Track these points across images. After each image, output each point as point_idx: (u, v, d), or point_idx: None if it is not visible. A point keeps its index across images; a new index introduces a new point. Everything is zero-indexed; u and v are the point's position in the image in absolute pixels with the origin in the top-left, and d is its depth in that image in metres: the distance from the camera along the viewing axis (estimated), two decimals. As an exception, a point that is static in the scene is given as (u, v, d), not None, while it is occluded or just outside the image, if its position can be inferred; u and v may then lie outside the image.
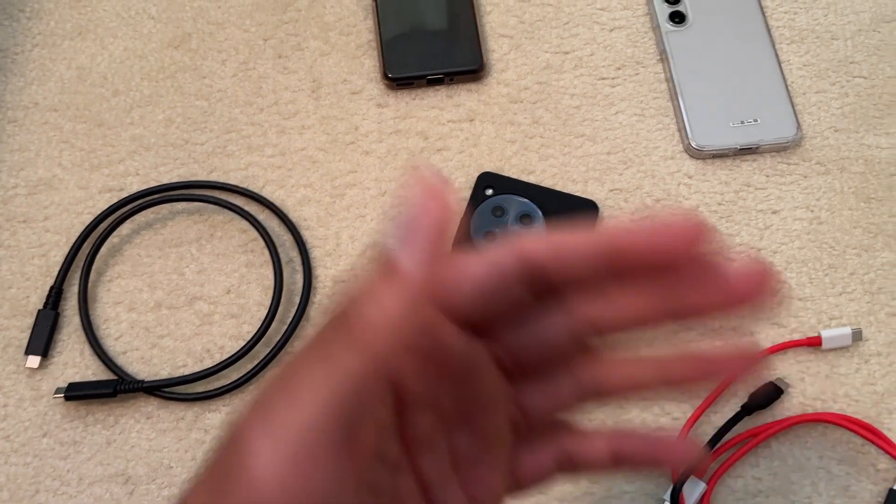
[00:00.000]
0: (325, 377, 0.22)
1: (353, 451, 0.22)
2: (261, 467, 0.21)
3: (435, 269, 0.22)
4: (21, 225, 0.50)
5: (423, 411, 0.25)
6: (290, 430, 0.21)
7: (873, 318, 0.48)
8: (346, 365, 0.22)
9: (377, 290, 0.22)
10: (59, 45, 0.55)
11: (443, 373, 0.24)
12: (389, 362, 0.22)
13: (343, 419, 0.22)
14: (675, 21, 0.55)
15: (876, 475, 0.45)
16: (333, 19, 0.56)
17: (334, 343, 0.22)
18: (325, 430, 0.21)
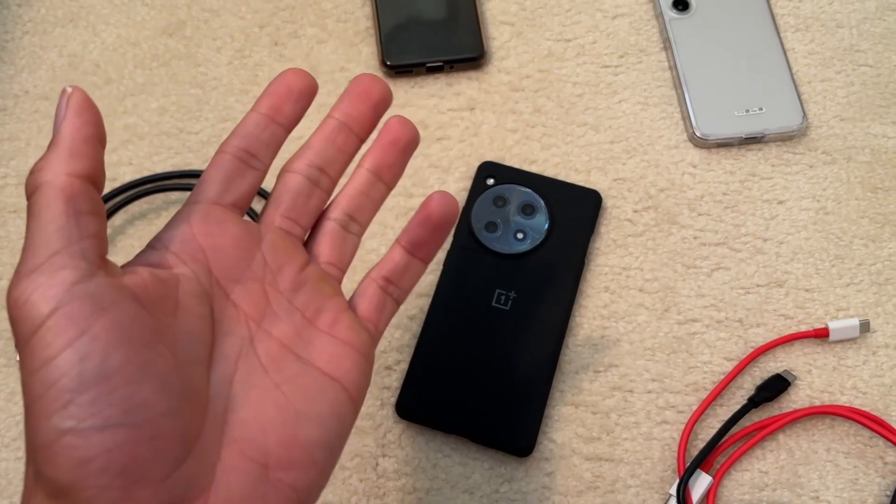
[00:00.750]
0: (35, 222, 0.26)
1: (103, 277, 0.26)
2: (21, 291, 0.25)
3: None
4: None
5: (248, 282, 0.31)
6: (25, 261, 0.26)
7: (881, 310, 0.47)
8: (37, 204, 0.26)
9: (42, 157, 0.27)
10: (51, 33, 0.54)
11: (237, 245, 0.31)
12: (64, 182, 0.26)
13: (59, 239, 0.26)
14: (678, 8, 0.54)
15: (884, 468, 0.44)
16: (331, 6, 0.55)
17: (29, 202, 0.27)
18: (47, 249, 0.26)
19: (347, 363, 0.31)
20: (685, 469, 0.42)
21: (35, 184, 0.27)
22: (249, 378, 0.29)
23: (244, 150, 0.32)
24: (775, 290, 0.48)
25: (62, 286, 0.25)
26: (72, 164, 0.27)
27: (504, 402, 0.44)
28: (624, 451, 0.44)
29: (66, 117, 0.27)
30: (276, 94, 0.33)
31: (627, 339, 0.47)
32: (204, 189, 0.31)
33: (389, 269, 0.34)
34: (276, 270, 0.32)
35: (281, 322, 0.31)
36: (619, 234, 0.49)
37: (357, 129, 0.34)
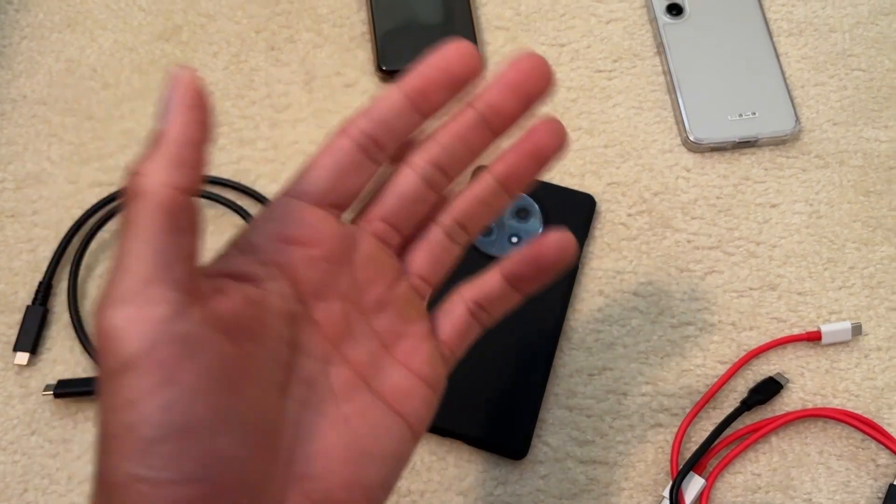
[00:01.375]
0: (130, 235, 0.24)
1: (204, 307, 0.24)
2: (104, 319, 0.23)
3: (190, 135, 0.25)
4: (9, 219, 0.49)
5: (331, 300, 0.28)
6: (119, 284, 0.24)
7: (873, 313, 0.48)
8: (136, 214, 0.24)
9: (143, 155, 0.25)
10: (48, 38, 0.54)
11: (328, 256, 0.28)
12: (168, 194, 0.24)
13: (158, 258, 0.24)
14: (672, 13, 0.55)
15: (876, 470, 0.44)
16: (326, 11, 0.55)
17: (124, 209, 0.25)
18: (144, 272, 0.24)
19: (417, 400, 0.29)
20: (678, 471, 0.43)
21: (135, 189, 0.24)
22: (320, 406, 0.27)
23: (371, 138, 0.28)
24: (768, 294, 0.48)
25: (155, 324, 0.23)
26: (176, 175, 0.24)
27: (498, 405, 0.44)
28: (618, 453, 0.45)
29: (176, 111, 0.25)
30: (427, 74, 0.27)
31: (621, 342, 0.47)
32: (309, 181, 0.27)
33: (485, 294, 0.31)
34: (364, 287, 0.28)
35: (358, 346, 0.28)
36: (613, 237, 0.50)
37: (496, 126, 0.29)
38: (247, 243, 0.27)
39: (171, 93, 0.25)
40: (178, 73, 0.25)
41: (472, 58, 0.27)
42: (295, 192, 0.28)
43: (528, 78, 0.28)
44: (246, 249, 0.27)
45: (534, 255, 0.30)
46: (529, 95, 0.28)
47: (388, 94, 0.28)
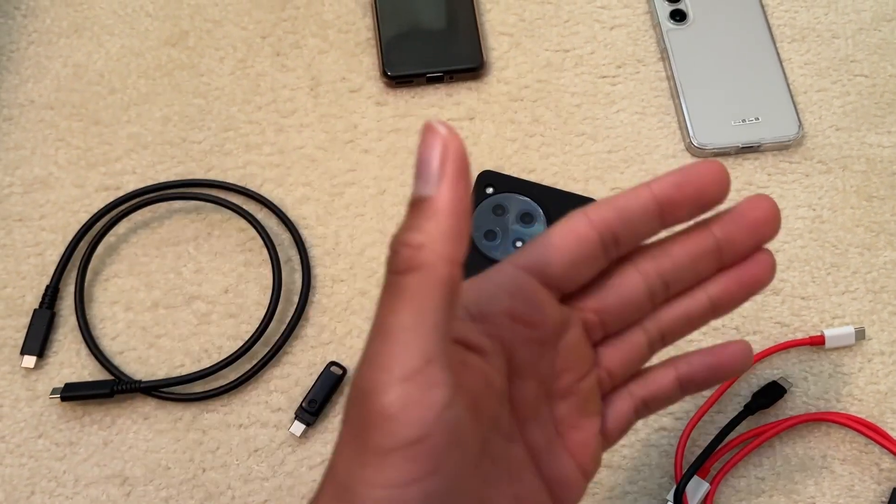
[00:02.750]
0: (403, 307, 0.23)
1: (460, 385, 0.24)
2: (383, 397, 0.23)
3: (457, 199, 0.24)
4: (17, 224, 0.50)
5: (529, 379, 0.27)
6: (396, 360, 0.23)
7: (876, 317, 0.48)
8: (414, 287, 0.23)
9: (413, 223, 0.24)
10: (55, 43, 0.55)
11: (543, 338, 0.27)
12: (447, 271, 0.23)
13: (434, 336, 0.23)
14: (675, 19, 0.55)
15: (879, 474, 0.44)
16: (332, 17, 0.56)
17: (396, 277, 0.24)
18: (423, 350, 0.23)
19: (576, 492, 0.29)
20: (682, 475, 0.43)
21: (413, 263, 0.23)
22: (496, 483, 0.27)
23: (612, 233, 0.27)
24: (771, 298, 0.48)
25: (433, 411, 0.23)
26: (456, 249, 0.23)
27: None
28: (622, 457, 0.45)
29: (447, 179, 0.23)
30: (683, 188, 0.27)
31: (625, 346, 0.47)
32: (546, 260, 0.27)
33: (654, 394, 0.30)
34: (559, 373, 0.28)
35: (537, 428, 0.28)
36: (616, 242, 0.50)
37: (727, 259, 0.29)
38: (478, 311, 0.27)
39: (434, 154, 0.23)
40: (439, 131, 0.24)
41: (724, 183, 0.28)
42: (530, 269, 0.27)
43: (766, 220, 0.28)
44: (477, 317, 0.27)
45: (715, 363, 0.30)
46: (763, 239, 0.29)
47: (639, 193, 0.27)
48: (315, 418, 0.45)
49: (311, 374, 0.46)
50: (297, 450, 0.45)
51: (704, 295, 0.29)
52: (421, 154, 0.24)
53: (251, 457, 0.45)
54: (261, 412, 0.46)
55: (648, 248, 0.29)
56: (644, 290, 0.29)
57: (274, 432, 0.45)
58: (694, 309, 0.30)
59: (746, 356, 0.30)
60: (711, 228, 0.29)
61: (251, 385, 0.46)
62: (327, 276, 0.49)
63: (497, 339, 0.27)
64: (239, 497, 0.44)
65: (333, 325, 0.48)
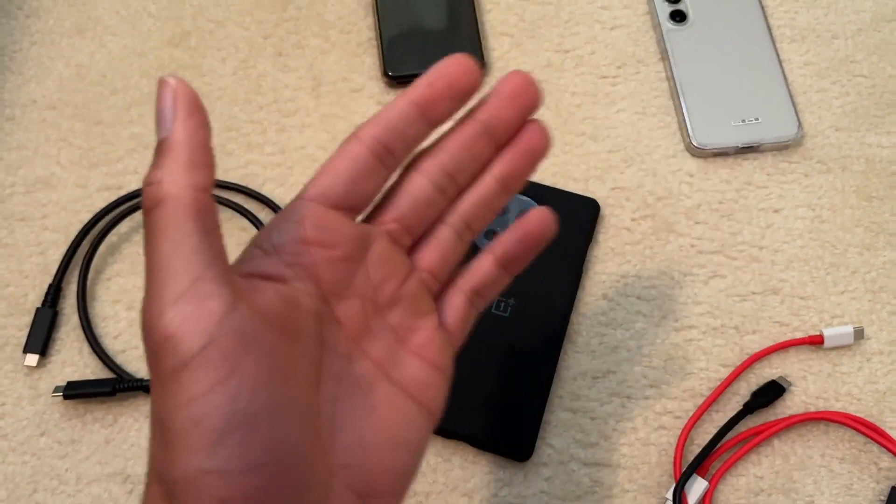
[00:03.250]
0: (161, 241, 0.25)
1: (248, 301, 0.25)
2: (161, 322, 0.24)
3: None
4: (19, 223, 0.50)
5: (349, 298, 0.29)
6: (165, 287, 0.24)
7: (875, 317, 0.48)
8: (164, 220, 0.25)
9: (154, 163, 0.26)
10: (58, 43, 0.55)
11: (346, 256, 0.29)
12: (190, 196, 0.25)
13: (197, 258, 0.24)
14: (675, 20, 0.55)
15: (878, 473, 0.45)
16: (334, 17, 0.56)
17: (148, 216, 0.25)
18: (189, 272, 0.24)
19: (433, 388, 0.30)
20: (682, 474, 0.43)
21: (156, 197, 0.25)
22: (349, 400, 0.28)
23: (383, 144, 0.29)
24: (771, 298, 0.49)
25: (212, 318, 0.24)
26: (195, 176, 0.25)
27: (503, 408, 0.45)
28: (621, 456, 0.45)
29: (179, 118, 0.25)
30: (433, 85, 0.29)
31: (625, 345, 0.47)
32: (327, 184, 0.29)
33: (479, 280, 0.32)
34: (378, 285, 0.30)
35: (376, 341, 0.30)
36: (616, 242, 0.50)
37: (498, 136, 0.31)
38: (270, 245, 0.28)
39: (167, 101, 0.26)
40: (168, 81, 0.26)
41: (474, 71, 0.29)
42: (312, 196, 0.29)
43: (522, 92, 0.30)
44: (270, 251, 0.28)
45: (522, 234, 0.32)
46: (525, 108, 0.31)
47: (398, 103, 0.29)
48: (316, 417, 0.45)
49: (313, 372, 0.46)
50: (299, 448, 0.45)
51: (490, 176, 0.31)
52: (157, 106, 0.26)
53: (252, 455, 0.45)
54: (262, 411, 0.46)
55: (426, 149, 0.31)
56: (431, 187, 0.30)
57: (275, 431, 0.45)
58: (485, 191, 0.31)
59: (547, 218, 0.32)
60: (475, 114, 0.30)
61: (252, 384, 0.46)
62: (328, 275, 0.49)
63: (298, 266, 0.28)
64: (240, 495, 0.44)
65: (334, 324, 0.48)
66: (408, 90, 0.29)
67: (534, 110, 0.31)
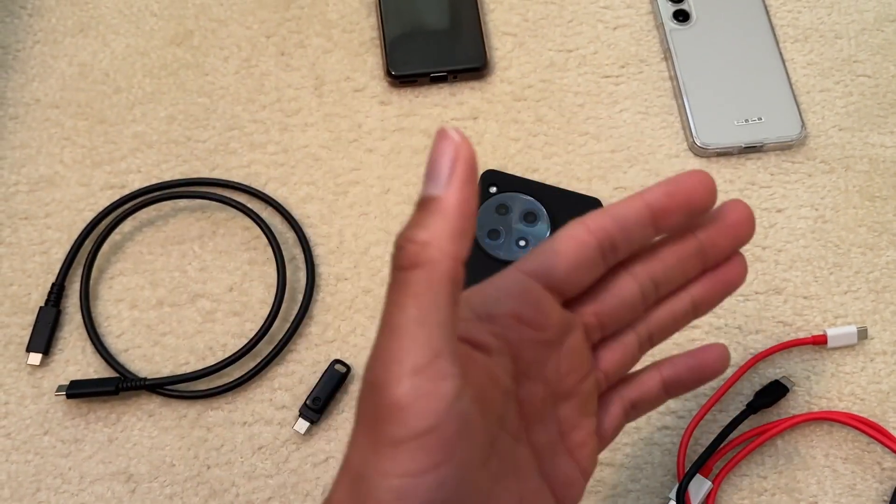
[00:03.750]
0: (409, 301, 0.24)
1: (467, 377, 0.24)
2: (395, 389, 0.23)
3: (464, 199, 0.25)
4: (22, 222, 0.50)
5: (535, 381, 0.28)
6: (406, 353, 0.23)
7: (878, 317, 0.48)
8: (419, 282, 0.24)
9: (420, 221, 0.25)
10: (61, 42, 0.55)
11: (547, 340, 0.28)
12: (451, 268, 0.24)
13: (441, 330, 0.24)
14: (678, 19, 0.55)
15: (881, 473, 0.45)
16: (336, 17, 0.56)
17: (402, 273, 0.24)
18: (431, 343, 0.24)
19: (576, 491, 0.30)
20: (685, 474, 0.43)
21: (418, 259, 0.24)
22: (503, 481, 0.27)
23: (611, 241, 0.29)
24: (774, 298, 0.48)
25: (444, 402, 0.24)
26: (460, 247, 0.24)
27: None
28: (625, 455, 0.45)
29: (456, 181, 0.25)
30: (673, 196, 0.29)
31: (628, 345, 0.47)
32: (550, 265, 0.28)
33: (641, 395, 0.32)
34: (563, 374, 0.29)
35: (542, 429, 0.29)
36: (619, 241, 0.50)
37: (710, 262, 0.31)
38: (485, 312, 0.28)
39: (446, 157, 0.25)
40: (451, 136, 0.25)
41: (713, 192, 0.29)
42: (531, 272, 0.28)
43: (744, 223, 0.31)
44: (483, 318, 0.28)
45: (697, 365, 0.32)
46: (740, 241, 0.31)
47: (634, 203, 0.29)
48: (319, 416, 0.45)
49: (315, 371, 0.46)
50: (301, 447, 0.45)
51: (688, 296, 0.31)
52: (433, 156, 0.25)
53: (255, 454, 0.45)
54: (265, 410, 0.46)
55: (640, 253, 0.30)
56: (638, 292, 0.30)
57: (278, 430, 0.45)
58: (679, 310, 0.31)
59: (724, 358, 0.32)
60: (696, 233, 0.30)
61: (255, 383, 0.46)
62: (331, 274, 0.49)
63: (503, 340, 0.28)
64: (243, 494, 0.44)
65: (337, 323, 0.48)
66: (646, 192, 0.29)
67: (746, 243, 0.31)
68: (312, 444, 0.45)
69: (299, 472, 0.45)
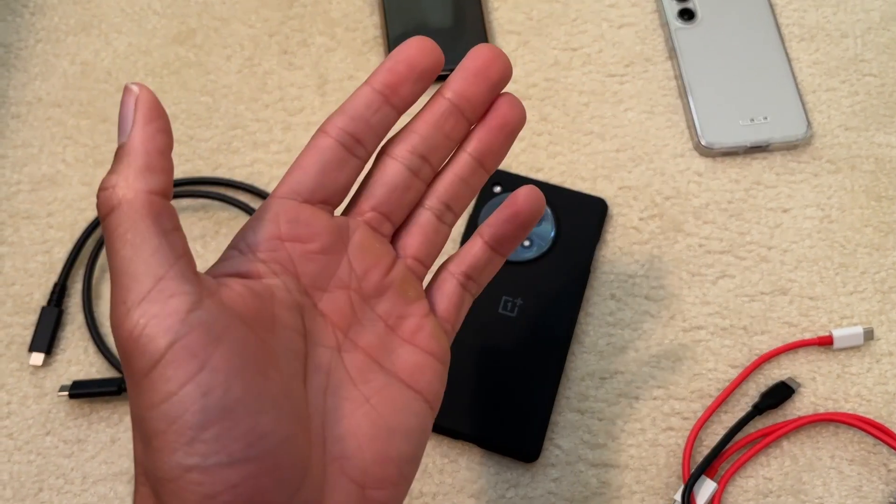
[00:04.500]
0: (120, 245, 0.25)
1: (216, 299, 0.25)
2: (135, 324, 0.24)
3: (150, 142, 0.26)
4: (24, 221, 0.50)
5: (333, 290, 0.29)
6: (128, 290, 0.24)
7: (885, 318, 0.48)
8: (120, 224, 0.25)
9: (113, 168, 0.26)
10: (63, 41, 0.55)
11: (324, 248, 0.29)
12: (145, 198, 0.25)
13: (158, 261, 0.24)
14: (684, 18, 0.55)
15: (888, 475, 0.44)
16: (339, 15, 0.56)
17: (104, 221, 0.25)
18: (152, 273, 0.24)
19: (429, 374, 0.30)
20: (690, 475, 0.43)
21: (111, 202, 0.25)
22: (340, 391, 0.28)
23: (350, 134, 0.29)
24: (780, 298, 0.48)
25: (177, 316, 0.24)
26: (150, 181, 0.25)
27: (510, 408, 0.45)
28: (629, 457, 0.45)
29: (137, 124, 0.26)
30: (394, 69, 0.29)
31: (633, 346, 0.47)
32: (297, 180, 0.29)
33: (470, 263, 0.32)
34: (362, 275, 0.30)
35: (365, 331, 0.30)
36: (624, 241, 0.50)
37: (469, 113, 0.31)
38: (244, 245, 0.28)
39: (128, 107, 0.26)
40: (131, 88, 0.26)
41: (434, 50, 0.30)
42: (284, 193, 0.29)
43: (488, 65, 0.30)
44: (245, 251, 0.28)
45: (510, 213, 0.32)
46: (493, 81, 0.30)
47: (361, 91, 0.29)
48: (322, 417, 0.45)
49: (319, 372, 0.46)
50: (305, 448, 0.45)
51: (465, 154, 0.31)
52: (119, 113, 0.26)
53: (258, 455, 0.45)
54: (268, 410, 0.46)
55: (397, 134, 0.31)
56: (404, 171, 0.30)
57: (281, 430, 0.45)
58: (462, 170, 0.31)
59: (536, 196, 0.32)
60: (442, 92, 0.30)
61: (258, 383, 0.46)
62: (335, 274, 0.49)
63: (274, 263, 0.28)
64: (246, 495, 0.44)
65: (341, 323, 0.48)
66: (370, 77, 0.29)
67: (503, 84, 0.31)
68: (316, 445, 0.45)
69: (302, 473, 0.44)
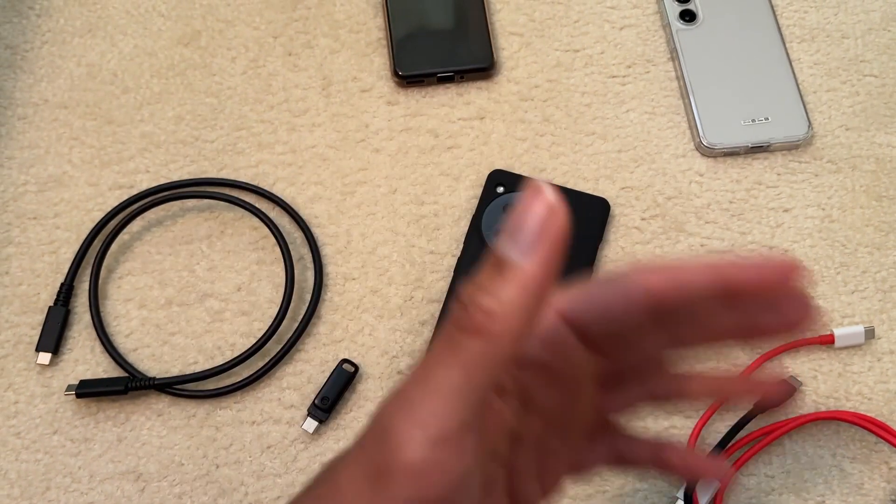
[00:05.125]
0: (457, 366, 0.22)
1: (483, 438, 0.24)
2: (413, 453, 0.22)
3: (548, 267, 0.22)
4: (31, 222, 0.50)
5: (533, 415, 0.27)
6: (434, 418, 0.22)
7: (886, 317, 0.48)
8: (474, 351, 0.22)
9: (492, 285, 0.22)
10: (69, 43, 0.55)
11: (563, 386, 0.27)
12: (511, 347, 0.22)
13: (477, 403, 0.23)
14: (685, 19, 0.55)
15: (889, 473, 0.45)
16: (343, 17, 0.56)
17: (459, 334, 0.23)
18: (463, 415, 0.22)
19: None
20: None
21: (480, 327, 0.22)
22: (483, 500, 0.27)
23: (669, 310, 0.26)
24: (781, 297, 0.48)
25: (457, 478, 0.23)
26: (526, 327, 0.22)
27: (514, 407, 0.45)
28: (632, 455, 0.45)
29: (542, 250, 0.22)
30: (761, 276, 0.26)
31: (635, 344, 0.47)
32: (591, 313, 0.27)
33: (628, 458, 0.31)
34: (561, 411, 0.29)
35: (522, 451, 0.28)
36: (627, 241, 0.50)
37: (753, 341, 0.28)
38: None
39: (535, 219, 0.22)
40: (547, 198, 0.22)
41: (797, 278, 0.26)
42: (572, 318, 0.27)
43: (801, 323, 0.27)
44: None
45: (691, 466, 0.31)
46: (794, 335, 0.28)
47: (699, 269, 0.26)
48: (327, 415, 0.45)
49: (324, 371, 0.47)
50: (310, 446, 0.45)
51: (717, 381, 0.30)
52: (520, 213, 0.22)
53: (264, 453, 0.45)
54: (273, 409, 0.46)
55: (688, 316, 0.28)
56: (661, 350, 0.29)
57: (286, 429, 0.46)
58: (695, 387, 0.30)
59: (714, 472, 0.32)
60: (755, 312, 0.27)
61: (264, 382, 0.47)
62: (339, 274, 0.49)
63: (517, 380, 0.27)
64: (252, 493, 0.44)
65: (345, 322, 0.48)
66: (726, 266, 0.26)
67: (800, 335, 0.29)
68: (321, 444, 0.45)
69: (308, 472, 0.45)
